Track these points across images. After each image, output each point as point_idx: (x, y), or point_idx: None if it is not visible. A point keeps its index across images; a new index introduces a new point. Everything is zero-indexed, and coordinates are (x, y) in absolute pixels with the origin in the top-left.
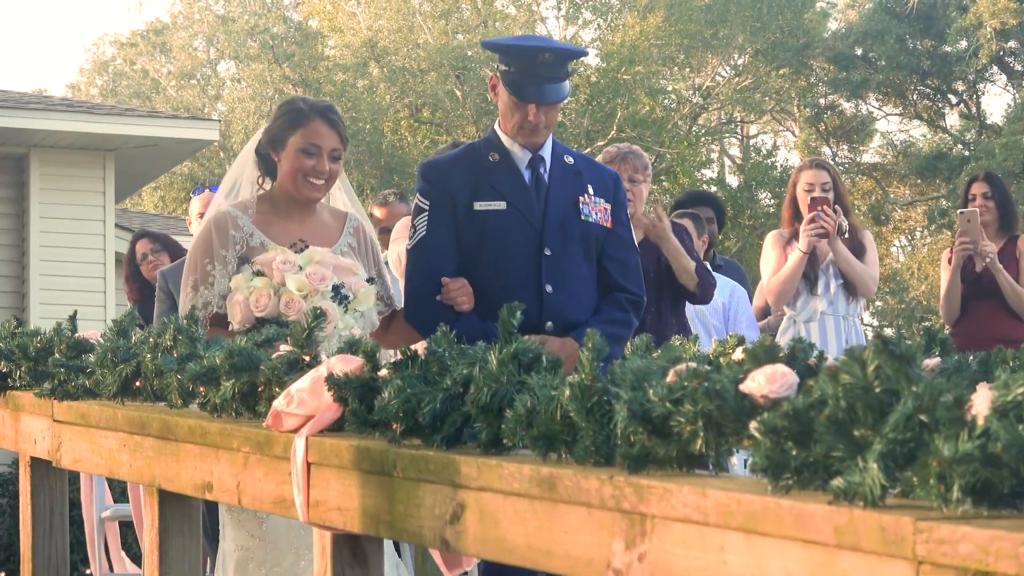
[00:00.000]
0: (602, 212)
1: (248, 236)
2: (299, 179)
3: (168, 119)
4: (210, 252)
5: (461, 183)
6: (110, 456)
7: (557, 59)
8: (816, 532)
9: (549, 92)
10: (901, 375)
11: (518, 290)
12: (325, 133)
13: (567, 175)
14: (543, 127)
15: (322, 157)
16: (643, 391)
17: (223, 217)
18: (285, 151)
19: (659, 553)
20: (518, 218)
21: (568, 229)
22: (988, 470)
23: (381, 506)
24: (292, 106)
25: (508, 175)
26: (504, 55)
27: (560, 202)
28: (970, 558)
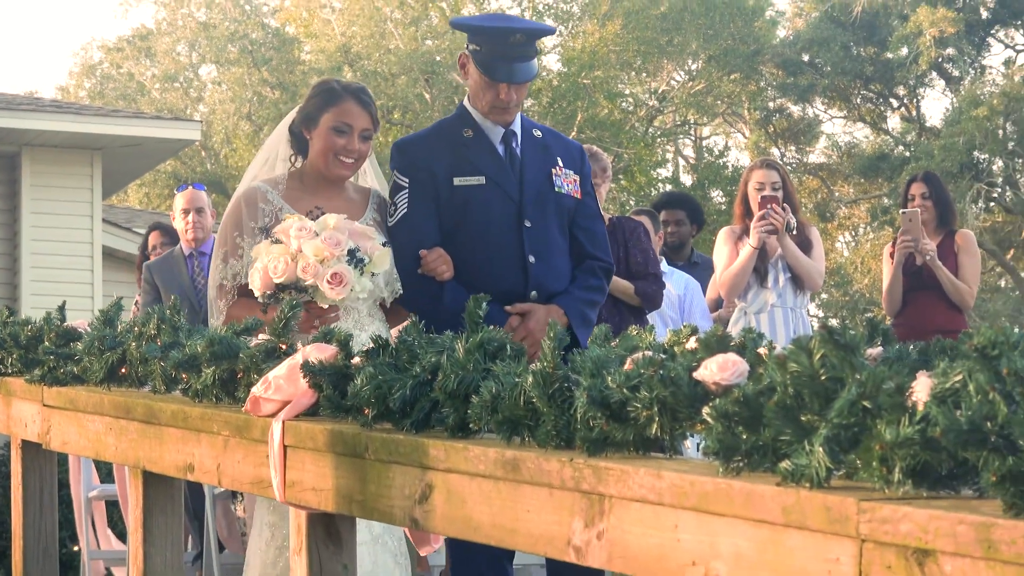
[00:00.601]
0: (572, 183)
1: (278, 210)
2: (330, 157)
3: (152, 120)
4: (239, 225)
5: (439, 159)
6: (97, 439)
7: (527, 39)
8: (765, 512)
9: (519, 71)
10: (845, 363)
11: (503, 262)
12: (357, 113)
13: (537, 149)
14: (514, 105)
15: (353, 136)
16: (602, 378)
17: (253, 192)
18: (317, 129)
19: (617, 531)
20: (497, 192)
21: (544, 201)
22: (927, 453)
23: (354, 487)
24: (326, 86)
25: (484, 150)
26: (475, 35)
27: (535, 175)
28: (910, 536)
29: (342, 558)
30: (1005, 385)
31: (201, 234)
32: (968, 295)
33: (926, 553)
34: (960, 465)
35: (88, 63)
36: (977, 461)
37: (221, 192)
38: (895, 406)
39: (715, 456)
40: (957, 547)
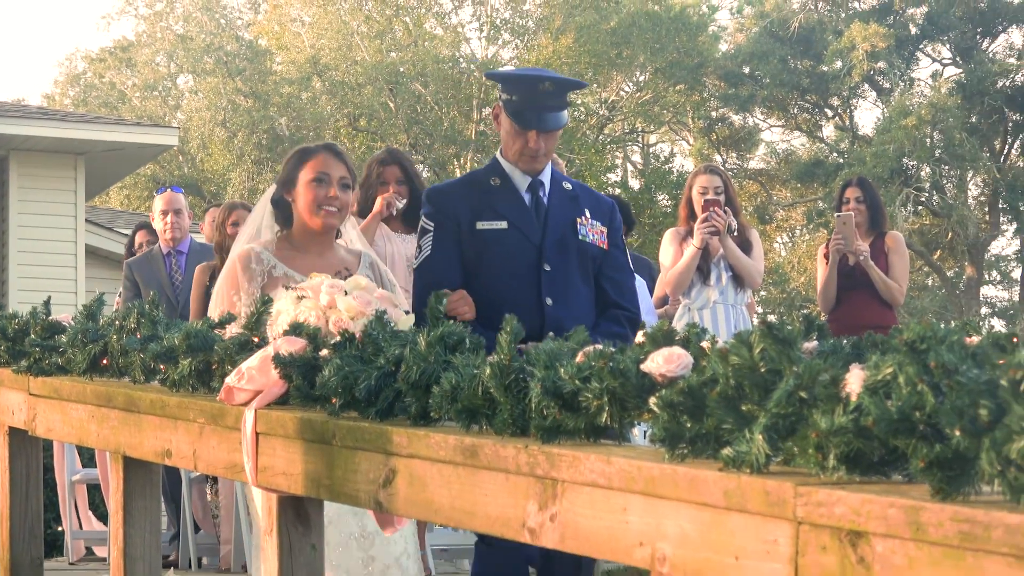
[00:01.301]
0: (599, 234)
1: (271, 267)
2: (314, 209)
3: (133, 126)
4: (235, 285)
5: (464, 205)
6: (80, 426)
7: (557, 89)
8: (708, 495)
9: (549, 120)
10: (783, 356)
11: (520, 303)
12: (332, 163)
13: (564, 199)
14: (543, 154)
15: (332, 184)
16: (555, 370)
17: (246, 253)
18: (297, 188)
19: (569, 514)
20: (518, 236)
21: (566, 247)
22: (860, 441)
23: (322, 471)
24: (298, 148)
25: (509, 197)
26: (506, 84)
27: (558, 221)
28: (844, 519)
29: (310, 538)
30: (933, 377)
31: (179, 234)
32: (898, 293)
33: (859, 535)
34: (891, 452)
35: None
36: (906, 448)
37: (197, 195)
38: (830, 397)
39: (661, 443)
40: (888, 529)
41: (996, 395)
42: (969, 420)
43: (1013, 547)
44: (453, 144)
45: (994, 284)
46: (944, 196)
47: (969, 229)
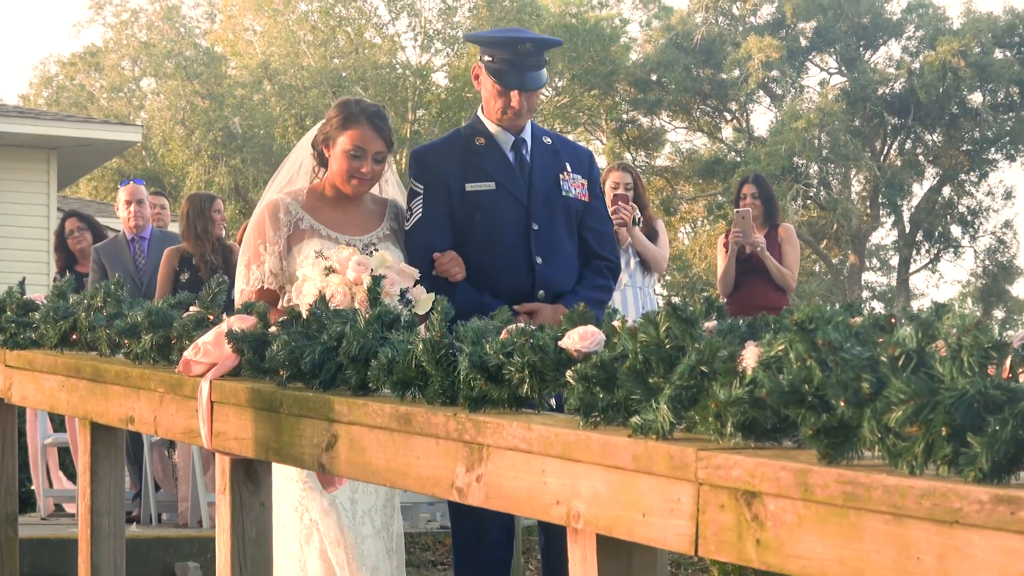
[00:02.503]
0: (579, 187)
1: (298, 219)
2: (346, 177)
3: (100, 124)
4: (263, 235)
5: (452, 166)
6: (51, 394)
7: (536, 48)
8: (618, 459)
9: (530, 79)
10: (686, 334)
11: (511, 263)
12: (370, 137)
13: (546, 154)
14: (525, 111)
15: (367, 159)
16: (481, 346)
17: (275, 203)
18: (334, 150)
19: (493, 475)
20: (507, 196)
21: (552, 204)
22: (755, 411)
23: (270, 436)
24: (345, 108)
25: (495, 157)
26: (487, 46)
27: (543, 180)
28: (740, 480)
29: (260, 496)
30: (820, 354)
31: (141, 221)
32: (790, 278)
33: (753, 495)
34: (782, 421)
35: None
36: (796, 417)
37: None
38: (728, 371)
39: (576, 412)
40: (779, 489)
41: (877, 370)
42: (852, 392)
43: (891, 506)
44: None
45: (874, 270)
46: (830, 191)
47: (852, 221)
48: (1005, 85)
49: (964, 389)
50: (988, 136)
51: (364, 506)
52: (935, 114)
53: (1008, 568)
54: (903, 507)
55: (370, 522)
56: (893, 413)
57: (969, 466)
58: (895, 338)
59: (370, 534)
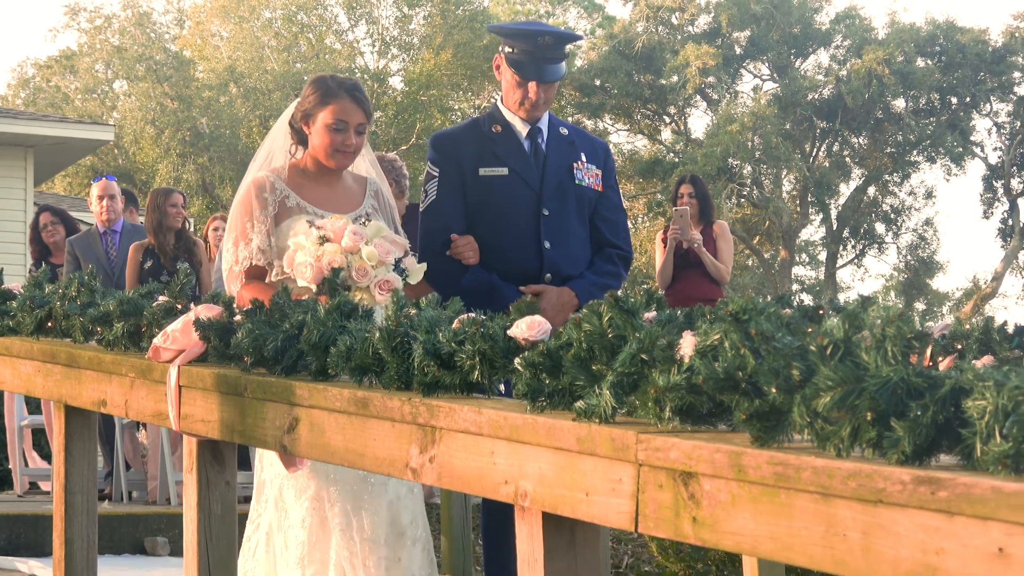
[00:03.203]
0: (594, 177)
1: (284, 197)
2: (329, 151)
3: (75, 124)
4: (249, 212)
5: (467, 152)
6: (28, 379)
7: (556, 41)
8: (563, 441)
9: (548, 71)
10: (627, 324)
11: (520, 246)
12: (351, 109)
13: (562, 144)
14: (542, 103)
15: (349, 132)
16: (435, 334)
17: (261, 181)
18: (315, 126)
19: (445, 456)
20: (519, 182)
21: (564, 192)
22: (692, 396)
23: (235, 419)
24: (322, 84)
25: (509, 144)
26: (508, 37)
27: (556, 168)
28: (677, 462)
29: (225, 476)
30: (753, 343)
31: (113, 215)
32: (725, 272)
33: (690, 475)
34: (717, 406)
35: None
36: (731, 403)
37: (130, 182)
38: (666, 359)
39: (524, 397)
40: (714, 470)
41: (806, 358)
42: (783, 379)
43: (819, 486)
44: None
45: (804, 265)
46: (763, 191)
47: (783, 218)
48: (926, 92)
49: (888, 376)
50: (910, 139)
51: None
52: (861, 118)
53: (928, 544)
54: (830, 487)
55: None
56: (821, 399)
57: (892, 449)
58: (823, 328)
59: (402, 495)
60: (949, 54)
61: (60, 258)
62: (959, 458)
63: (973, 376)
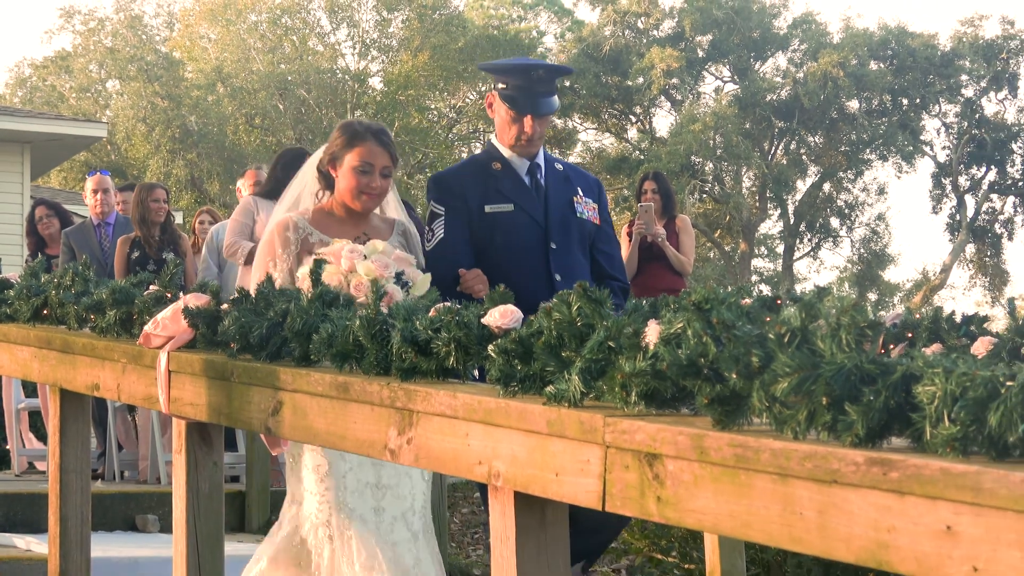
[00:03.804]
0: (591, 211)
1: (307, 235)
2: (355, 193)
3: (70, 121)
4: (272, 252)
5: (471, 189)
6: (24, 364)
7: (548, 75)
8: (534, 424)
9: (542, 104)
10: (596, 313)
11: (532, 279)
12: (377, 152)
13: (559, 179)
14: (538, 137)
15: (374, 174)
16: (412, 322)
17: (284, 221)
18: (342, 168)
19: (422, 438)
20: (525, 217)
21: (568, 225)
22: (656, 382)
23: (222, 402)
24: (349, 128)
25: (511, 180)
26: (501, 74)
27: (558, 202)
28: (643, 444)
29: (212, 456)
30: (715, 331)
31: (107, 208)
32: (687, 264)
33: (655, 456)
34: (681, 391)
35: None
36: (693, 388)
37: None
38: (632, 346)
39: (497, 382)
40: (678, 452)
41: (765, 346)
42: (743, 366)
43: (777, 467)
44: None
45: (762, 257)
46: (723, 187)
47: (743, 213)
48: (879, 93)
49: (842, 363)
50: (864, 139)
51: (394, 512)
52: (817, 118)
53: (880, 522)
54: (788, 468)
55: (405, 526)
56: (779, 384)
57: (846, 432)
58: (781, 317)
59: (405, 539)
60: (900, 58)
61: (55, 249)
62: (909, 441)
63: (923, 363)
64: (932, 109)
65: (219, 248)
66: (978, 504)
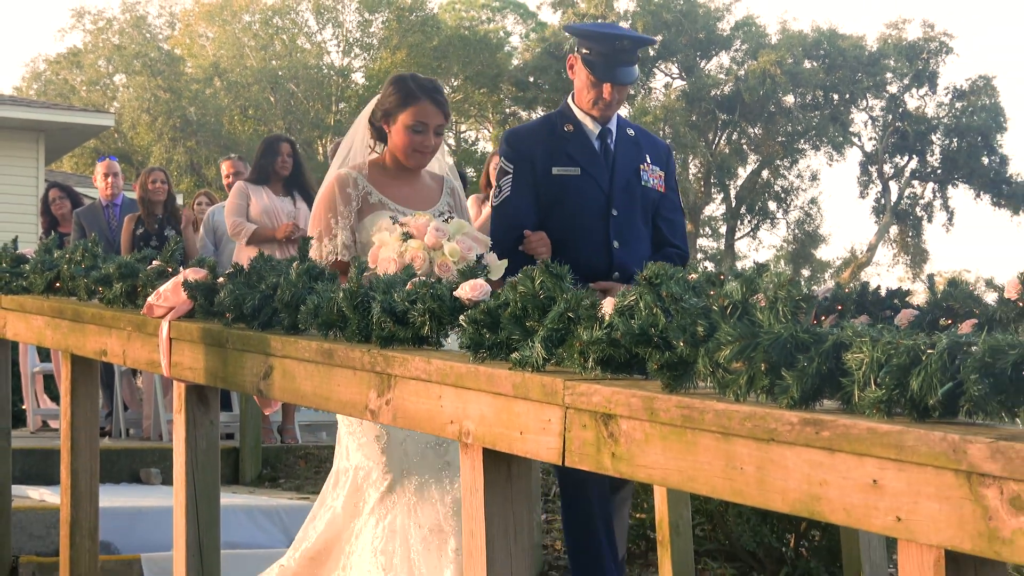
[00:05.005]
0: (657, 179)
1: (367, 193)
2: (408, 151)
3: (80, 111)
4: (333, 208)
5: (540, 149)
6: (39, 331)
7: (632, 45)
8: (501, 387)
9: (623, 74)
10: (557, 287)
11: (591, 245)
12: (431, 111)
13: (629, 145)
14: (615, 104)
15: (428, 133)
16: (391, 295)
17: (344, 176)
18: (395, 125)
19: (399, 400)
20: (590, 182)
21: (631, 193)
22: (611, 349)
23: (218, 367)
24: (403, 85)
25: (581, 144)
26: (585, 39)
27: (624, 169)
28: (599, 405)
29: (209, 416)
30: (664, 303)
31: (116, 191)
32: None
33: (609, 416)
34: (633, 357)
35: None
36: (645, 355)
37: (128, 163)
38: (590, 317)
39: (467, 349)
40: (631, 412)
41: (709, 317)
42: (690, 335)
43: (720, 426)
44: (317, 129)
45: (707, 237)
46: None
47: (690, 197)
48: (812, 89)
49: (779, 333)
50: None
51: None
52: (756, 112)
53: (813, 477)
54: (729, 427)
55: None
56: (722, 351)
57: (783, 395)
58: (724, 291)
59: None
60: (832, 57)
61: (67, 228)
62: (840, 403)
63: (852, 333)
64: (860, 104)
65: (215, 228)
66: (901, 460)
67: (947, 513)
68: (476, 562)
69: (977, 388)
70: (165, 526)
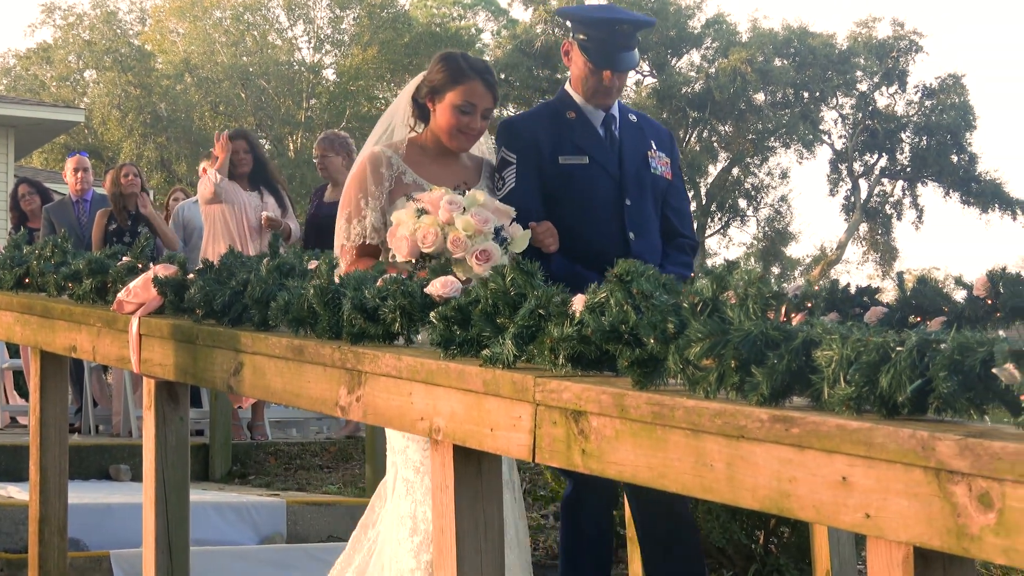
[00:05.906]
0: (664, 165)
1: (401, 173)
2: (453, 132)
3: (50, 107)
4: (364, 188)
5: (544, 137)
6: (8, 327)
7: (632, 29)
8: (472, 384)
9: (623, 60)
10: (527, 284)
11: (606, 237)
12: (481, 93)
13: (633, 132)
14: (616, 91)
15: (476, 115)
16: (361, 291)
17: (377, 156)
18: (442, 104)
19: (370, 396)
20: (600, 171)
21: (642, 181)
22: (582, 346)
23: (188, 363)
24: (454, 63)
25: (586, 132)
26: (582, 24)
27: (633, 156)
28: (569, 402)
29: (179, 412)
30: (635, 300)
31: (86, 186)
32: None
33: (580, 413)
34: (604, 354)
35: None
36: (615, 352)
37: (99, 158)
38: (560, 313)
39: (438, 345)
40: (601, 409)
41: (680, 314)
42: (660, 332)
43: (690, 423)
44: (288, 125)
45: None
46: None
47: None
48: (783, 87)
49: (749, 330)
50: (768, 128)
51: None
52: (727, 109)
53: (782, 473)
54: (700, 424)
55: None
56: (692, 348)
57: (753, 391)
58: (694, 288)
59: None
60: (802, 55)
61: (37, 223)
62: (809, 400)
63: (821, 330)
64: (830, 102)
65: (184, 224)
66: (870, 457)
67: (916, 510)
68: (446, 559)
69: (946, 385)
70: (134, 523)
